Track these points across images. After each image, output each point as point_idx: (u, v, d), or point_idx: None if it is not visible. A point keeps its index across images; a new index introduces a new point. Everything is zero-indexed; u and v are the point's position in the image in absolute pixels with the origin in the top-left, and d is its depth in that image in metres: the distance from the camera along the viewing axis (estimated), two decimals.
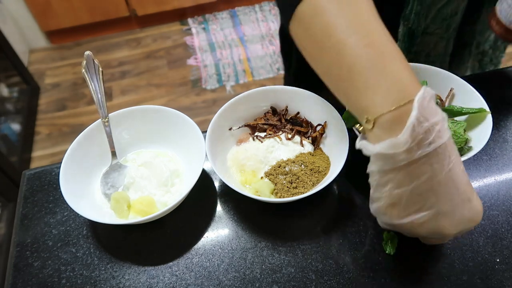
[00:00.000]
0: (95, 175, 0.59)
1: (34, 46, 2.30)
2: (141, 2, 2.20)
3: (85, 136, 0.58)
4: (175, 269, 0.52)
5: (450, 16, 0.65)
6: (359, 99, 0.39)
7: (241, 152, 0.59)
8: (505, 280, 0.49)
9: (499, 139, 0.62)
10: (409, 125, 0.35)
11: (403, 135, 0.35)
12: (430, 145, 0.35)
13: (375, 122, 0.37)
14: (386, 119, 0.37)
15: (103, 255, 0.54)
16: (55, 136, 1.90)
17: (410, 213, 0.38)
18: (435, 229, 0.38)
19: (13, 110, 1.84)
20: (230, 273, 0.51)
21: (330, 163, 0.58)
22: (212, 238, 0.54)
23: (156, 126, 0.62)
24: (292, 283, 0.50)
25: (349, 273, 0.50)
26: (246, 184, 0.57)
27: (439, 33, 0.68)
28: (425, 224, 0.38)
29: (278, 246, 0.53)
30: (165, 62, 2.18)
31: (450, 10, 0.64)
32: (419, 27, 0.67)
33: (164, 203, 0.56)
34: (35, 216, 0.58)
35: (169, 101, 1.99)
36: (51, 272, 0.52)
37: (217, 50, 2.20)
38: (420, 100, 0.35)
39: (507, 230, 0.53)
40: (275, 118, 0.63)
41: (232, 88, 2.02)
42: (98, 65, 0.57)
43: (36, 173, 0.63)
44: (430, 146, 0.35)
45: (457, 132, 0.54)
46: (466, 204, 0.37)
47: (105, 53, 2.24)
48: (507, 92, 0.69)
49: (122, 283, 0.51)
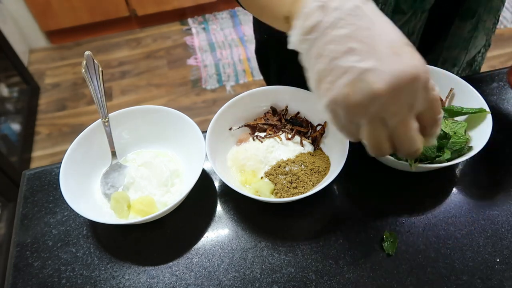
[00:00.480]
0: (95, 175, 0.59)
1: (34, 46, 2.30)
2: (141, 2, 2.20)
3: (85, 136, 0.58)
4: (175, 269, 0.52)
5: (407, 36, 0.66)
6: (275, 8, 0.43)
7: (241, 152, 0.59)
8: (505, 280, 0.49)
9: (499, 139, 0.62)
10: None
11: (306, 5, 0.36)
12: (338, 9, 0.35)
13: (290, 17, 0.40)
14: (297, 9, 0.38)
15: (103, 255, 0.54)
16: (55, 136, 1.90)
17: (335, 81, 0.35)
18: (365, 88, 0.34)
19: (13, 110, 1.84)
20: (230, 273, 0.51)
21: (330, 163, 0.58)
22: (212, 238, 0.54)
23: (156, 126, 0.62)
24: (292, 283, 0.50)
25: (349, 273, 0.50)
26: (246, 184, 0.57)
27: None
28: (354, 88, 0.34)
29: (278, 246, 0.53)
30: (165, 62, 2.18)
31: (408, 29, 0.65)
32: None
33: (164, 203, 0.56)
34: (35, 216, 0.58)
35: (169, 101, 1.99)
36: (51, 272, 0.52)
37: (217, 50, 2.20)
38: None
39: (507, 230, 0.53)
40: (275, 118, 0.62)
41: (232, 88, 2.02)
42: (98, 65, 0.57)
43: (36, 173, 0.63)
44: (338, 10, 0.35)
45: (458, 132, 0.54)
46: (395, 57, 0.34)
47: (105, 53, 2.24)
48: (507, 92, 0.69)
49: (122, 283, 0.51)
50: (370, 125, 0.36)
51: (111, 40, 2.32)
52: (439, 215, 0.55)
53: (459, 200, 0.56)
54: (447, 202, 0.56)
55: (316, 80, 0.37)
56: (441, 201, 0.56)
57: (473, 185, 0.58)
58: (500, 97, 0.68)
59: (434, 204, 0.56)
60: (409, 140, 0.37)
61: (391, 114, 0.35)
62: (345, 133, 0.39)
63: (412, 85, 0.34)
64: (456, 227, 0.53)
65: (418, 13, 0.62)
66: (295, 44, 0.39)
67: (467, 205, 0.56)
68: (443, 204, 0.56)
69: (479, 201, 0.56)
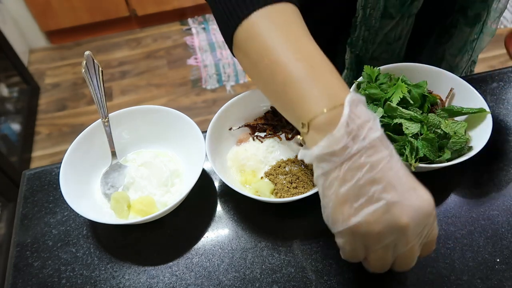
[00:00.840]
0: (95, 175, 0.59)
1: (34, 46, 2.30)
2: (141, 2, 2.20)
3: (85, 136, 0.58)
4: (175, 269, 0.52)
5: (394, 40, 0.67)
6: (294, 109, 0.42)
7: (241, 152, 0.59)
8: (505, 280, 0.49)
9: (499, 139, 0.62)
10: (343, 121, 0.37)
11: (338, 130, 0.37)
12: (365, 140, 0.37)
13: (309, 125, 0.39)
14: (320, 121, 0.39)
15: (103, 255, 0.54)
16: (55, 136, 1.90)
17: (361, 208, 0.37)
18: (390, 220, 0.37)
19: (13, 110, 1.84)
20: (230, 273, 0.51)
21: None
22: (212, 238, 0.54)
23: (156, 126, 0.62)
24: (292, 283, 0.50)
25: (349, 273, 0.50)
26: (246, 184, 0.57)
27: (385, 58, 0.70)
28: (380, 218, 0.37)
29: (278, 246, 0.53)
30: (165, 62, 2.18)
31: (395, 34, 0.66)
32: (367, 54, 0.69)
33: (164, 203, 0.56)
34: (35, 216, 0.58)
35: (169, 101, 1.99)
36: (51, 272, 0.52)
37: (217, 50, 2.20)
38: (350, 101, 0.38)
39: (507, 230, 0.53)
40: (275, 118, 0.63)
41: (232, 88, 2.02)
42: (98, 65, 0.57)
43: (36, 173, 0.63)
44: (365, 140, 0.37)
45: (458, 132, 0.54)
46: (412, 192, 0.38)
47: (105, 53, 2.24)
48: (507, 92, 0.69)
49: (122, 283, 0.51)
50: (382, 250, 0.39)
51: (111, 40, 2.32)
52: (439, 215, 0.55)
53: (459, 200, 0.56)
54: (447, 202, 0.56)
55: (336, 204, 0.39)
56: (441, 201, 0.56)
57: (473, 185, 0.58)
58: (500, 97, 0.68)
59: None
60: (411, 262, 0.41)
61: (405, 243, 0.39)
62: (349, 255, 0.42)
63: (428, 218, 0.38)
64: (456, 227, 0.53)
65: (405, 17, 0.64)
66: (311, 159, 0.39)
67: (467, 205, 0.55)
68: (443, 204, 0.56)
69: (479, 201, 0.56)
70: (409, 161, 0.52)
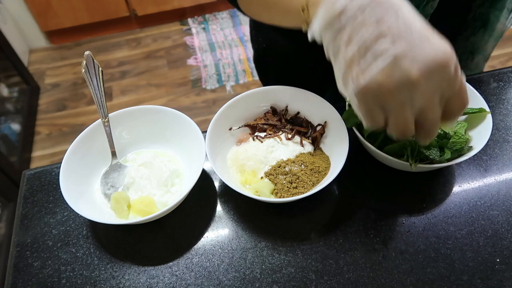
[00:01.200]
0: (95, 175, 0.59)
1: (34, 46, 2.30)
2: (141, 2, 2.20)
3: (85, 136, 0.58)
4: (175, 269, 0.52)
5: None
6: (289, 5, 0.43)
7: (241, 152, 0.59)
8: (505, 280, 0.49)
9: (499, 139, 0.62)
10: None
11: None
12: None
13: (308, 6, 0.39)
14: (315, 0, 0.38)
15: (103, 255, 0.54)
16: (55, 136, 1.90)
17: (368, 66, 0.35)
18: (400, 75, 0.34)
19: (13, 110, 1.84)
20: (230, 273, 0.51)
21: (330, 163, 0.58)
22: (212, 238, 0.54)
23: (156, 126, 0.62)
24: (292, 283, 0.50)
25: (349, 273, 0.50)
26: (246, 184, 0.57)
27: None
28: (389, 74, 0.34)
29: (278, 246, 0.53)
30: (165, 62, 2.18)
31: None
32: None
33: (164, 203, 0.56)
34: (35, 216, 0.58)
35: (169, 101, 1.99)
36: (51, 272, 0.52)
37: (217, 50, 2.20)
38: None
39: (507, 230, 0.53)
40: (275, 118, 0.62)
41: (232, 88, 2.02)
42: (98, 65, 0.57)
43: (36, 173, 0.63)
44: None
45: (458, 132, 0.54)
46: (425, 41, 0.34)
47: (105, 53, 2.24)
48: (507, 92, 0.69)
49: (122, 283, 0.51)
50: (399, 109, 0.36)
51: (111, 40, 2.32)
52: (439, 215, 0.55)
53: (459, 200, 0.56)
54: (447, 202, 0.56)
55: (345, 67, 0.36)
56: (441, 201, 0.56)
57: (473, 185, 0.58)
58: (500, 97, 0.68)
59: (434, 204, 0.56)
60: (433, 124, 0.37)
61: (422, 98, 0.35)
62: (368, 119, 0.39)
63: (444, 70, 0.34)
64: (456, 227, 0.53)
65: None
66: (317, 33, 0.38)
67: (467, 205, 0.56)
68: (443, 204, 0.56)
69: (479, 201, 0.56)
70: (409, 162, 0.52)
